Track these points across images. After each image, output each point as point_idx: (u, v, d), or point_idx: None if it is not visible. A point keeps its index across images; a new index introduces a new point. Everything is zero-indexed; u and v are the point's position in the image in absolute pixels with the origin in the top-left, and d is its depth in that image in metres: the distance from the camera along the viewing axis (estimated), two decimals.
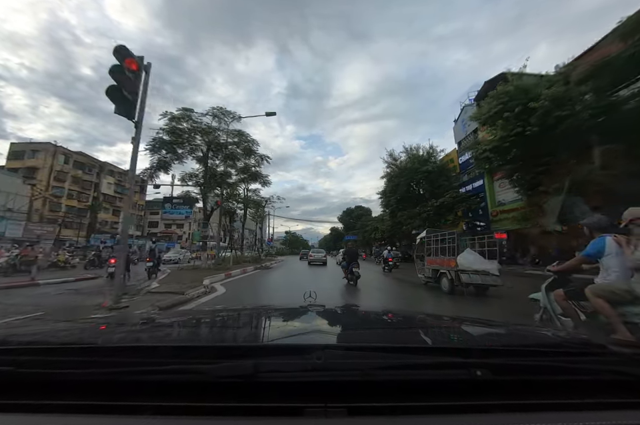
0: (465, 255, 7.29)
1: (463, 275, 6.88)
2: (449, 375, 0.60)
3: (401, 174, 24.92)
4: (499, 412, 0.54)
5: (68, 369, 0.60)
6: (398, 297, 7.61)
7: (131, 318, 1.47)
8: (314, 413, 0.52)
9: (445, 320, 1.50)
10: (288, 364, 0.61)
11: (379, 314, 1.61)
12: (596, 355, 0.73)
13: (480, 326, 1.25)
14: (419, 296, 7.52)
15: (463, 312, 5.22)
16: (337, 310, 1.55)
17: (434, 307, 6.10)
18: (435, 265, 8.27)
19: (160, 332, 1.09)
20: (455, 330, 1.21)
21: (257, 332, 1.10)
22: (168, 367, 0.59)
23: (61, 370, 0.60)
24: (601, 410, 0.54)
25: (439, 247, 8.29)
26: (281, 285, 9.84)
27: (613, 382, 0.62)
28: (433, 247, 8.64)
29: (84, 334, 1.01)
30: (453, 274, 7.22)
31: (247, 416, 0.53)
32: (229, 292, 7.49)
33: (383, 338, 1.01)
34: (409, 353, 0.68)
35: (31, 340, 0.84)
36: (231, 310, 1.61)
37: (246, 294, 7.65)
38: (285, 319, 1.35)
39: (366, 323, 1.31)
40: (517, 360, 0.65)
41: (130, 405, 0.54)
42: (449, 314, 3.10)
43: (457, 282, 7.07)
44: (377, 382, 0.59)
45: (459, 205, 21.58)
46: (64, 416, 0.52)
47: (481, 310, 5.52)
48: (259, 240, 40.21)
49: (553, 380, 0.62)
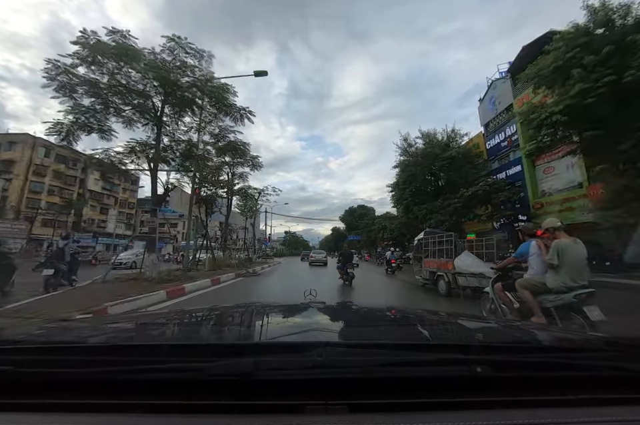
0: (462, 257, 7.10)
1: (460, 278, 6.79)
2: (449, 371, 0.60)
3: (417, 162, 20.83)
4: (500, 408, 0.54)
5: (67, 368, 0.59)
6: (393, 299, 7.55)
7: (129, 317, 1.38)
8: (314, 410, 0.52)
9: (445, 317, 1.46)
10: (288, 361, 0.60)
11: (379, 311, 1.63)
12: (595, 351, 0.72)
13: (480, 322, 1.29)
14: (414, 298, 7.51)
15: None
16: (337, 307, 1.57)
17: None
18: (432, 267, 8.16)
19: (159, 331, 1.08)
20: (455, 327, 1.22)
21: (257, 330, 1.08)
22: (166, 365, 0.58)
23: (59, 369, 0.59)
24: (601, 406, 0.54)
25: (436, 249, 8.19)
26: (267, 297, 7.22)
27: (613, 378, 0.62)
28: (430, 249, 8.54)
29: (82, 333, 1.00)
30: (450, 277, 7.10)
31: (247, 414, 0.52)
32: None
33: (383, 335, 1.02)
34: (410, 350, 0.68)
35: (29, 339, 0.84)
36: (231, 308, 1.58)
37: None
38: (285, 316, 1.34)
39: (366, 320, 1.31)
40: (517, 357, 0.65)
41: (129, 403, 0.54)
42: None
43: (454, 285, 6.98)
44: (377, 379, 0.58)
45: (496, 195, 17.22)
46: (63, 415, 0.52)
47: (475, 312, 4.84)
48: (258, 240, 36.47)
49: (553, 376, 0.62)
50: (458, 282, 6.75)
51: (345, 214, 66.84)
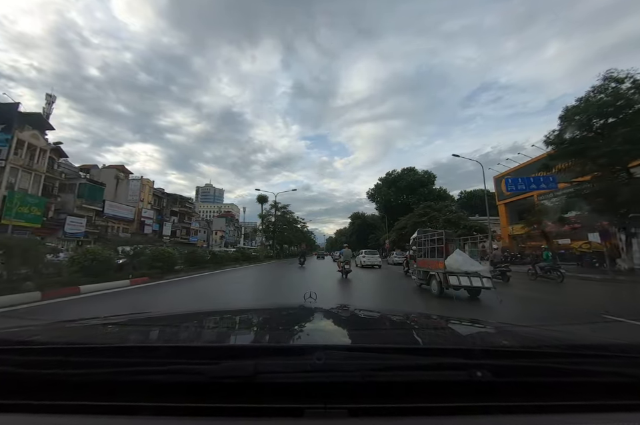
0: (454, 256, 6.96)
1: (451, 277, 6.67)
2: (449, 376, 0.60)
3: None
4: (500, 413, 0.54)
5: (68, 369, 0.59)
6: (383, 297, 7.81)
7: (131, 319, 1.31)
8: (314, 414, 0.53)
9: (446, 320, 1.43)
10: (288, 364, 0.61)
11: (379, 314, 1.62)
12: (597, 356, 0.71)
13: (480, 326, 1.25)
14: (406, 298, 7.56)
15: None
16: (337, 310, 1.53)
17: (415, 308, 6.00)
18: (425, 267, 8.13)
19: (160, 332, 1.07)
20: (455, 331, 1.22)
21: (256, 332, 1.10)
22: (167, 367, 0.58)
23: (61, 370, 0.59)
24: (602, 412, 0.55)
25: (428, 248, 8.15)
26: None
27: (614, 383, 0.61)
28: (423, 248, 8.51)
29: (84, 334, 1.00)
30: (441, 277, 6.97)
31: (246, 417, 0.53)
32: None
33: (383, 338, 1.02)
34: (410, 354, 0.68)
35: (31, 340, 0.82)
36: (231, 311, 1.60)
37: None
38: (285, 319, 1.34)
39: (367, 323, 1.32)
40: (518, 361, 0.65)
41: (130, 405, 0.54)
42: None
43: (444, 285, 6.84)
44: (377, 383, 0.58)
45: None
46: (64, 416, 0.52)
47: (467, 313, 5.15)
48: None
49: (554, 382, 0.61)
50: (449, 281, 6.62)
51: (379, 186, 51.00)
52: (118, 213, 34.71)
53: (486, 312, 5.62)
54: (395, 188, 49.74)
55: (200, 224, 56.34)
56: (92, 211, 31.60)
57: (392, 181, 51.28)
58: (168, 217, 44.36)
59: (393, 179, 51.59)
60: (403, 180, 49.52)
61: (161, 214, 42.80)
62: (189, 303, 6.10)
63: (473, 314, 5.12)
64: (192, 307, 5.02)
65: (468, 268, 6.62)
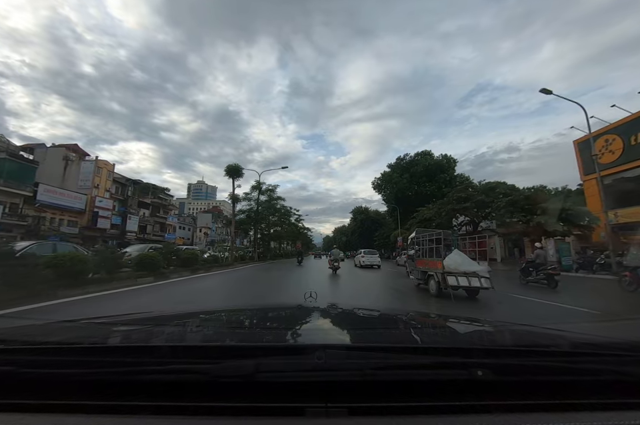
0: (452, 256, 6.93)
1: (450, 277, 6.54)
2: (449, 375, 0.60)
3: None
4: (500, 412, 0.54)
5: (68, 369, 0.60)
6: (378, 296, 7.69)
7: (131, 318, 1.30)
8: (315, 413, 0.53)
9: (446, 319, 1.49)
10: (289, 363, 0.61)
11: (380, 313, 1.63)
12: (597, 355, 0.71)
13: (480, 325, 1.25)
14: (403, 298, 7.47)
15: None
16: (337, 309, 1.54)
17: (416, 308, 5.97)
18: (423, 266, 7.99)
19: (160, 332, 1.05)
20: (455, 330, 1.22)
21: (257, 332, 1.10)
22: (168, 367, 0.59)
23: (61, 370, 0.59)
24: (602, 411, 0.54)
25: (426, 248, 8.14)
26: None
27: (614, 382, 0.61)
28: (422, 247, 8.47)
29: (84, 333, 1.00)
30: (439, 277, 6.85)
31: (247, 416, 0.53)
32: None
33: (384, 337, 1.02)
34: (410, 353, 0.69)
35: (31, 340, 0.83)
36: (232, 310, 1.59)
37: None
38: (286, 318, 1.35)
39: (367, 323, 1.32)
40: (518, 360, 0.65)
41: (130, 405, 0.54)
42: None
43: (443, 285, 6.69)
44: (378, 382, 0.59)
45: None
46: (64, 416, 0.52)
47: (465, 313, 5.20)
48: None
49: (554, 381, 0.61)
50: (447, 281, 6.47)
51: (387, 174, 44.54)
52: (60, 201, 27.11)
53: (485, 311, 5.54)
54: (408, 174, 41.29)
55: (185, 220, 49.53)
56: (17, 196, 23.91)
57: (404, 167, 42.86)
58: (135, 209, 36.57)
59: (406, 165, 43.13)
60: (418, 165, 41.10)
61: (125, 206, 34.93)
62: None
63: (473, 313, 5.03)
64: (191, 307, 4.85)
65: (466, 268, 6.59)
